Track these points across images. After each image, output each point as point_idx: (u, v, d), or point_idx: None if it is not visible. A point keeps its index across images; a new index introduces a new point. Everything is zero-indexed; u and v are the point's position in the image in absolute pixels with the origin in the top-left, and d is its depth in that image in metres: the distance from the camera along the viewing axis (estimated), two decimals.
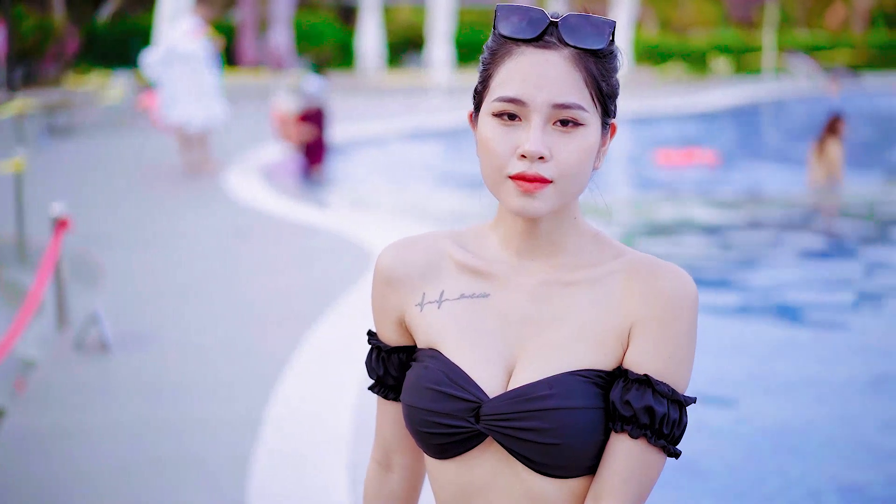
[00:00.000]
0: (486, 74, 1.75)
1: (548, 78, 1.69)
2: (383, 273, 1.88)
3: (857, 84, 34.42)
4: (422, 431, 1.80)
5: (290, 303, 7.22)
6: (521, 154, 1.68)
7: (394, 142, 18.93)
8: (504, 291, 1.81)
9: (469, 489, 1.81)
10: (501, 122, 1.71)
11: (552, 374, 1.73)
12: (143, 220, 10.45)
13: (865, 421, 5.49)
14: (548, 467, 1.74)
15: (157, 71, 13.21)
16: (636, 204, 12.59)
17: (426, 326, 1.84)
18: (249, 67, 32.95)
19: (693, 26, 50.04)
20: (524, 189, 1.69)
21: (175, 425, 4.96)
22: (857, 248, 10.31)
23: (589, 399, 1.72)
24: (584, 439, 1.72)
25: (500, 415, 1.73)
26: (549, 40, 1.71)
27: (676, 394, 1.72)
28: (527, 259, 1.80)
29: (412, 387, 1.82)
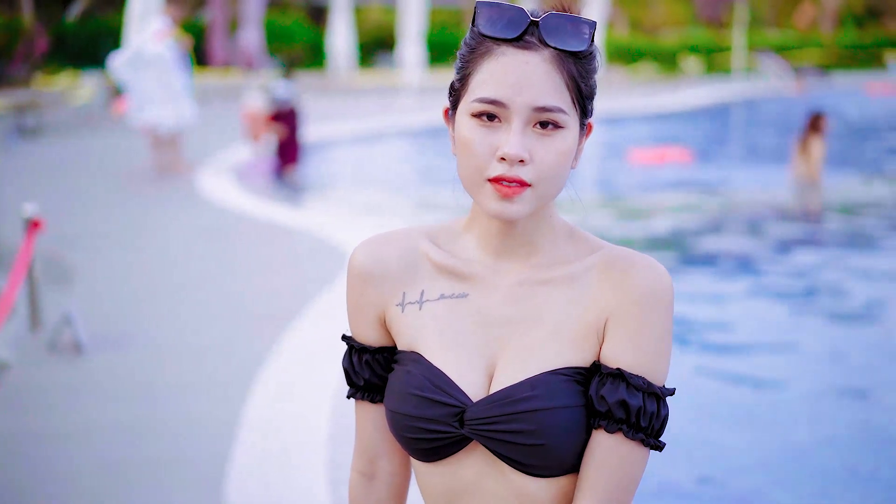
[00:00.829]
0: (465, 72, 1.72)
1: (529, 80, 1.66)
2: (359, 270, 1.85)
3: (826, 83, 34.65)
4: (407, 437, 1.78)
5: (267, 303, 7.18)
6: (501, 157, 1.66)
7: (366, 142, 18.91)
8: (482, 292, 1.79)
9: (457, 492, 1.80)
10: (480, 123, 1.68)
11: (533, 375, 1.72)
12: (116, 222, 10.38)
13: (840, 413, 5.51)
14: (534, 468, 1.73)
15: (125, 74, 13.14)
16: (610, 203, 12.60)
17: (408, 328, 1.82)
18: (220, 67, 32.84)
19: (663, 26, 50.27)
20: (503, 194, 1.67)
21: (152, 426, 4.92)
22: (836, 244, 10.36)
23: (571, 397, 1.71)
24: (569, 438, 1.71)
25: (483, 419, 1.72)
26: (529, 40, 1.68)
27: (652, 386, 1.70)
28: (504, 259, 1.79)
29: (396, 392, 1.80)
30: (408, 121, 21.03)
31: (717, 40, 43.67)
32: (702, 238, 10.57)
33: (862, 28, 51.63)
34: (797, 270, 9.08)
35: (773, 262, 9.38)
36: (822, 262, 9.40)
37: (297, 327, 6.32)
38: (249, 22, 31.33)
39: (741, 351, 6.72)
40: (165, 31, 13.13)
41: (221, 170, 13.88)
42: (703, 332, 6.99)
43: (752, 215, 12.13)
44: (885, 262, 9.37)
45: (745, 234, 10.96)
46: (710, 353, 6.66)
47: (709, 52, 41.71)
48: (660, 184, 14.40)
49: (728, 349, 6.75)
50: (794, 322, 7.37)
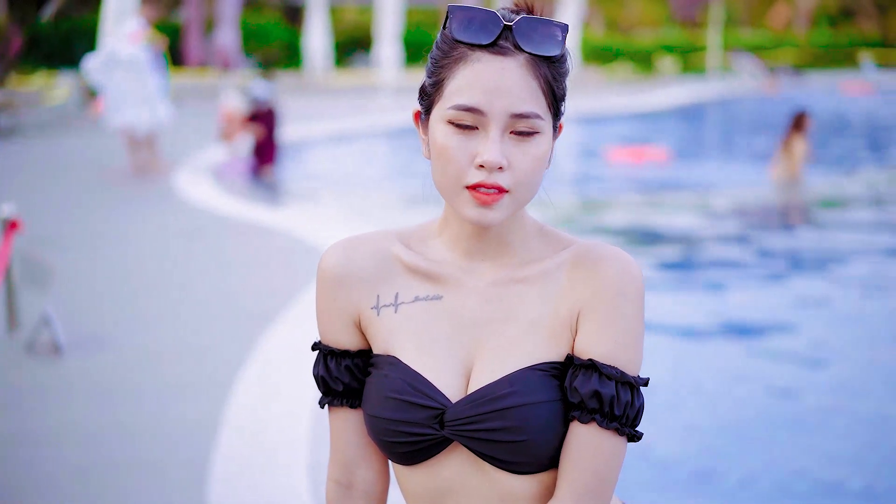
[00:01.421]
0: (439, 77, 1.72)
1: (506, 87, 1.66)
2: (331, 273, 1.84)
3: (800, 83, 34.81)
4: (387, 441, 1.78)
5: (245, 304, 7.16)
6: (480, 164, 1.66)
7: (343, 141, 18.88)
8: (456, 293, 1.80)
9: (440, 493, 1.80)
10: (457, 131, 1.68)
11: (510, 372, 1.73)
12: (93, 222, 10.33)
13: (817, 413, 5.53)
14: (516, 465, 1.74)
15: (99, 77, 13.08)
16: (588, 202, 12.62)
17: (383, 331, 1.82)
18: (195, 67, 32.72)
19: (639, 26, 50.41)
20: (481, 201, 1.68)
21: (132, 428, 4.89)
22: (815, 243, 10.41)
23: (549, 392, 1.72)
24: (549, 433, 1.72)
25: (463, 419, 1.73)
26: (503, 45, 1.68)
27: (626, 375, 1.71)
28: (476, 260, 1.80)
29: (374, 397, 1.80)
30: (385, 120, 21.01)
31: (692, 40, 43.84)
32: (682, 236, 10.59)
33: (836, 28, 51.92)
34: (777, 267, 9.12)
35: (751, 260, 9.41)
36: (802, 259, 9.44)
37: (277, 328, 6.30)
38: (225, 22, 31.23)
39: (727, 347, 6.75)
40: (139, 33, 13.07)
41: (198, 170, 13.83)
42: (674, 330, 7.01)
43: (733, 213, 12.18)
44: (864, 258, 9.42)
45: (726, 232, 10.99)
46: (700, 349, 6.69)
47: (684, 52, 41.86)
48: (638, 182, 14.44)
49: (712, 345, 6.78)
50: (776, 321, 7.40)
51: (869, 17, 51.86)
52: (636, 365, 1.73)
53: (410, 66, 30.30)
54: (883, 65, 40.25)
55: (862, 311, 7.66)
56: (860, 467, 4.87)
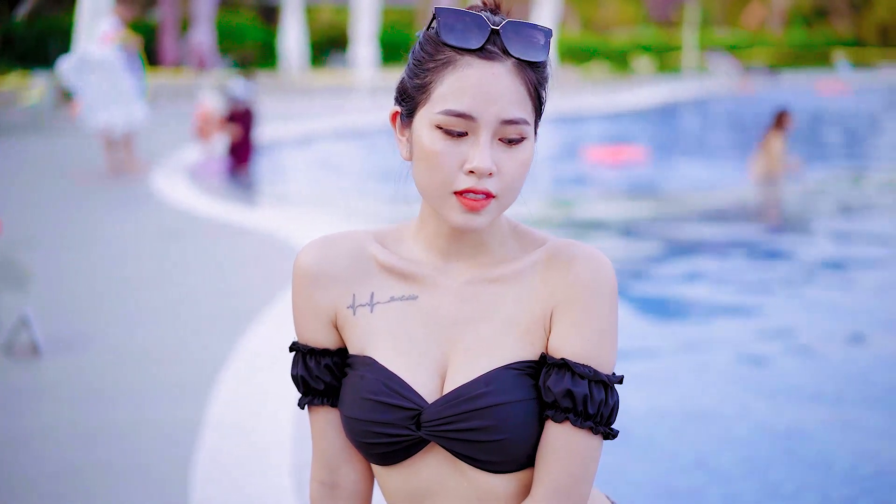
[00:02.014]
0: (425, 80, 1.70)
1: (496, 93, 1.67)
2: (307, 272, 1.84)
3: (775, 82, 34.97)
4: (363, 442, 1.78)
5: (224, 304, 7.12)
6: (470, 170, 1.66)
7: (320, 141, 18.85)
8: (431, 293, 1.80)
9: (418, 493, 1.80)
10: (446, 136, 1.68)
11: (485, 372, 1.73)
12: (70, 222, 10.27)
13: (785, 412, 5.55)
14: (493, 464, 1.74)
15: (73, 79, 13.03)
16: (565, 201, 12.63)
17: (360, 331, 1.82)
18: (170, 67, 32.61)
19: (614, 26, 50.55)
20: (469, 207, 1.68)
21: (112, 430, 4.85)
22: (792, 242, 10.45)
23: (524, 391, 1.73)
24: (525, 432, 1.73)
25: (440, 419, 1.73)
26: (491, 50, 1.68)
27: (599, 374, 1.71)
28: (452, 260, 1.80)
29: (350, 398, 1.80)
30: (361, 120, 20.99)
31: (667, 40, 44.00)
32: (661, 234, 10.61)
33: (810, 27, 52.20)
34: (755, 266, 9.15)
35: (729, 258, 9.44)
36: (780, 257, 9.47)
37: (257, 327, 6.27)
38: (200, 21, 31.14)
39: (710, 343, 6.76)
40: (112, 34, 13.00)
41: (175, 170, 13.78)
42: (650, 332, 7.02)
43: (711, 212, 12.22)
44: (841, 254, 9.46)
45: (705, 230, 11.02)
46: (685, 348, 6.70)
47: (660, 52, 42.00)
48: (616, 182, 14.47)
49: (696, 342, 6.79)
50: (753, 319, 7.42)
51: (843, 16, 52.17)
52: (610, 363, 1.74)
53: (387, 65, 30.29)
54: (857, 64, 40.47)
55: (841, 307, 7.68)
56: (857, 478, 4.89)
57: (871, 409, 5.53)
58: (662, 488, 4.68)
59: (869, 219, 11.90)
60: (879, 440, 5.12)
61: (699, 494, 4.63)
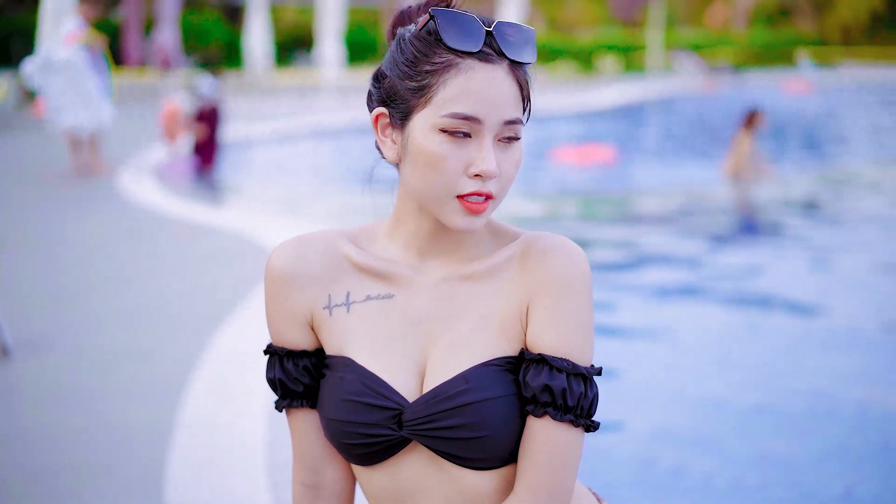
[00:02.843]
0: (424, 83, 1.70)
1: (497, 95, 1.68)
2: (281, 274, 1.82)
3: (739, 81, 35.19)
4: (344, 443, 1.77)
5: (192, 304, 7.08)
6: (476, 174, 1.67)
7: (286, 141, 18.80)
8: (407, 292, 1.79)
9: (401, 493, 1.80)
10: (450, 139, 1.68)
11: (465, 369, 1.73)
12: (35, 223, 10.18)
13: (759, 418, 5.57)
14: (475, 461, 1.74)
15: (38, 81, 12.93)
16: (535, 201, 12.66)
17: (337, 331, 1.81)
18: (134, 67, 32.44)
19: (579, 25, 50.74)
20: (472, 210, 1.69)
21: (84, 431, 4.80)
22: (757, 238, 10.51)
23: (504, 387, 1.72)
24: (507, 427, 1.72)
25: (421, 418, 1.72)
26: (488, 52, 1.70)
27: (577, 367, 1.71)
28: (429, 258, 1.80)
29: (330, 400, 1.79)
30: (328, 120, 20.95)
31: (632, 39, 44.20)
32: (632, 234, 10.66)
33: (773, 27, 52.56)
34: (722, 266, 9.19)
35: (698, 258, 9.49)
36: (746, 258, 9.53)
37: (226, 328, 6.24)
38: (165, 21, 30.98)
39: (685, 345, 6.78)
40: (76, 35, 12.90)
41: (140, 170, 13.71)
42: (626, 330, 7.04)
43: (679, 210, 12.28)
44: (805, 255, 9.52)
45: (675, 229, 11.06)
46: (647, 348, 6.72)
47: (625, 52, 42.19)
48: (584, 181, 14.52)
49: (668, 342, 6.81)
50: (727, 318, 7.46)
51: (805, 16, 52.57)
52: (588, 355, 1.73)
53: (353, 65, 30.26)
54: (820, 63, 40.79)
55: (806, 301, 7.74)
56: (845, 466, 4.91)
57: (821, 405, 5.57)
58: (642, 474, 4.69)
59: (835, 214, 11.99)
60: (848, 435, 5.16)
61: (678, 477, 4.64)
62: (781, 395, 5.79)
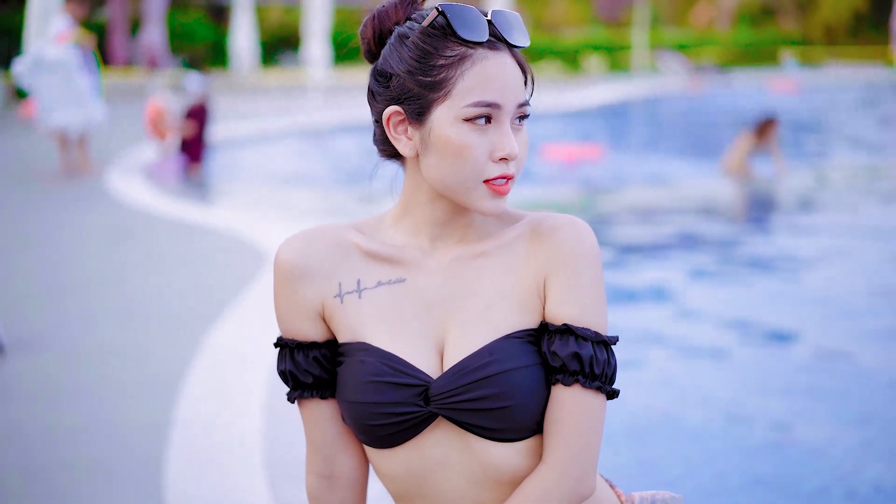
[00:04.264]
0: (440, 77, 1.75)
1: (511, 79, 1.76)
2: (289, 267, 1.85)
3: (724, 81, 35.28)
4: (369, 425, 1.79)
5: (185, 301, 7.10)
6: (502, 157, 1.74)
7: (273, 140, 18.80)
8: (419, 275, 1.83)
9: (422, 472, 1.82)
10: (475, 127, 1.74)
11: (487, 343, 1.77)
12: (25, 222, 10.19)
13: (754, 413, 5.62)
14: (501, 432, 1.77)
15: (29, 80, 12.91)
16: (525, 199, 12.69)
17: (350, 318, 1.83)
18: (121, 67, 32.38)
19: (564, 25, 50.79)
20: (500, 192, 1.76)
21: (80, 428, 4.82)
22: (747, 235, 10.57)
23: (528, 357, 1.77)
24: (533, 397, 1.77)
25: (448, 392, 1.76)
26: (493, 40, 1.77)
27: (599, 335, 1.77)
28: (439, 242, 1.84)
29: (351, 383, 1.81)
30: (315, 119, 20.94)
31: (617, 39, 44.27)
32: (618, 230, 10.70)
33: (757, 26, 52.71)
34: (709, 260, 9.25)
35: (683, 252, 9.54)
36: (733, 251, 9.58)
37: (220, 326, 6.26)
38: (151, 21, 30.94)
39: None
40: (66, 34, 12.89)
41: (129, 169, 13.72)
42: (617, 324, 7.08)
43: (666, 207, 12.33)
44: (794, 247, 9.58)
45: (660, 225, 11.12)
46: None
47: (610, 51, 42.25)
48: (574, 178, 14.57)
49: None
50: (718, 315, 7.51)
51: (789, 15, 52.74)
52: (605, 324, 1.80)
53: (339, 65, 30.24)
54: (804, 62, 40.94)
55: (792, 298, 7.79)
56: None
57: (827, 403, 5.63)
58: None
59: (822, 212, 12.07)
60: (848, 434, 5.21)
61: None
62: (777, 394, 5.85)
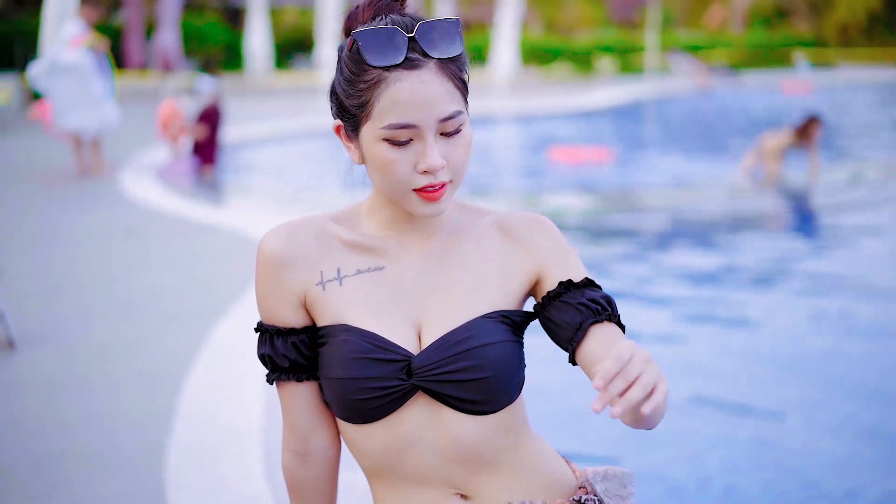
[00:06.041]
0: (362, 100, 1.84)
1: (430, 97, 1.81)
2: (274, 256, 1.95)
3: (737, 82, 35.19)
4: (354, 399, 1.90)
5: (193, 298, 7.25)
6: (424, 170, 1.83)
7: (285, 142, 18.89)
8: (396, 263, 1.96)
9: (397, 448, 1.94)
10: (394, 146, 1.83)
11: (466, 321, 1.91)
12: (39, 222, 10.35)
13: (769, 404, 5.72)
14: (478, 404, 1.90)
15: (44, 84, 13.08)
16: (533, 202, 12.74)
17: (331, 304, 1.94)
18: (136, 70, 32.55)
19: (577, 27, 50.70)
20: (430, 198, 1.85)
21: (87, 420, 4.98)
22: (759, 237, 10.59)
23: (503, 334, 1.92)
24: (509, 370, 1.91)
25: (430, 364, 1.88)
26: (414, 58, 1.81)
27: (594, 282, 1.95)
28: (411, 234, 1.96)
29: (335, 361, 1.92)
30: (327, 121, 20.93)
31: (630, 41, 44.17)
32: (627, 231, 10.74)
33: (770, 28, 52.50)
34: (721, 261, 9.29)
35: (694, 254, 9.58)
36: (746, 252, 9.63)
37: (225, 321, 6.40)
38: (166, 24, 31.08)
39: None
40: (80, 37, 13.05)
41: (142, 170, 13.85)
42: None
43: (678, 208, 12.33)
44: (808, 249, 9.62)
45: (671, 226, 11.14)
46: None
47: (622, 53, 42.18)
48: (581, 180, 14.56)
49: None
50: (736, 319, 7.57)
51: (803, 17, 52.53)
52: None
53: None
54: (817, 64, 40.79)
55: (804, 302, 7.84)
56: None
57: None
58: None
59: (848, 213, 12.09)
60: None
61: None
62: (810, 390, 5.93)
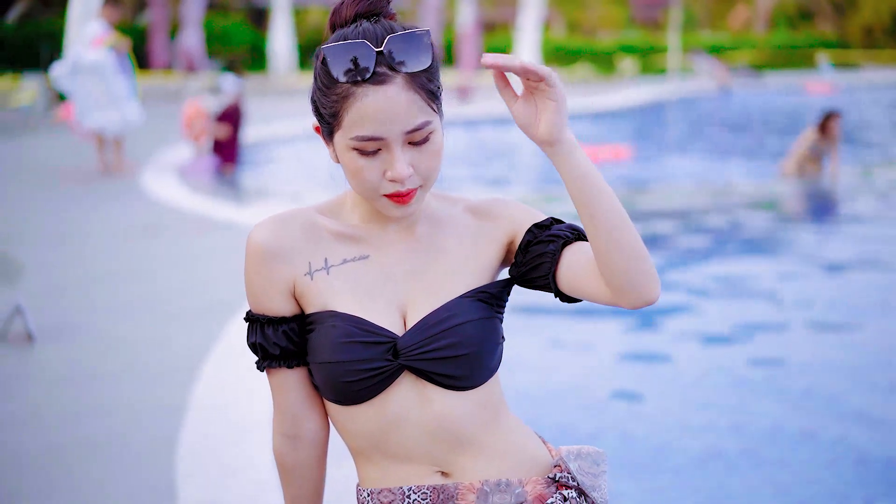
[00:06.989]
0: (333, 111, 1.91)
1: (396, 112, 1.87)
2: (265, 248, 2.03)
3: (760, 83, 35.16)
4: (344, 382, 1.99)
5: (209, 295, 7.36)
6: (391, 179, 1.91)
7: (305, 141, 18.99)
8: (380, 252, 2.05)
9: (384, 427, 2.03)
10: (362, 155, 1.91)
11: (446, 302, 2.02)
12: (61, 218, 10.51)
13: (797, 399, 5.79)
14: (461, 379, 2.01)
15: (67, 84, 13.23)
16: (554, 199, 12.80)
17: (319, 292, 2.03)
18: (160, 70, 32.77)
19: (600, 28, 50.68)
20: (399, 202, 1.94)
21: (103, 410, 5.11)
22: (785, 236, 10.62)
23: (483, 312, 2.03)
24: (490, 345, 2.03)
25: (415, 344, 1.98)
26: (381, 73, 1.87)
27: (558, 220, 2.10)
28: (392, 225, 2.06)
29: (325, 346, 2.00)
30: None
31: (652, 42, 44.14)
32: (647, 229, 10.78)
33: (794, 29, 52.36)
34: (742, 260, 9.34)
35: (714, 252, 9.64)
36: (771, 251, 9.67)
37: (239, 318, 6.50)
38: (190, 24, 31.27)
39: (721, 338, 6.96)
40: (102, 38, 13.19)
41: (164, 169, 13.99)
42: (649, 324, 7.21)
43: (699, 206, 12.33)
44: (832, 248, 9.66)
45: (690, 225, 11.18)
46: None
47: (644, 53, 42.16)
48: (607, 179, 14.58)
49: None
50: (756, 319, 7.63)
51: (826, 18, 52.34)
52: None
53: None
54: (841, 65, 40.67)
55: (823, 301, 7.88)
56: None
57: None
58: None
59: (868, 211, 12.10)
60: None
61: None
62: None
